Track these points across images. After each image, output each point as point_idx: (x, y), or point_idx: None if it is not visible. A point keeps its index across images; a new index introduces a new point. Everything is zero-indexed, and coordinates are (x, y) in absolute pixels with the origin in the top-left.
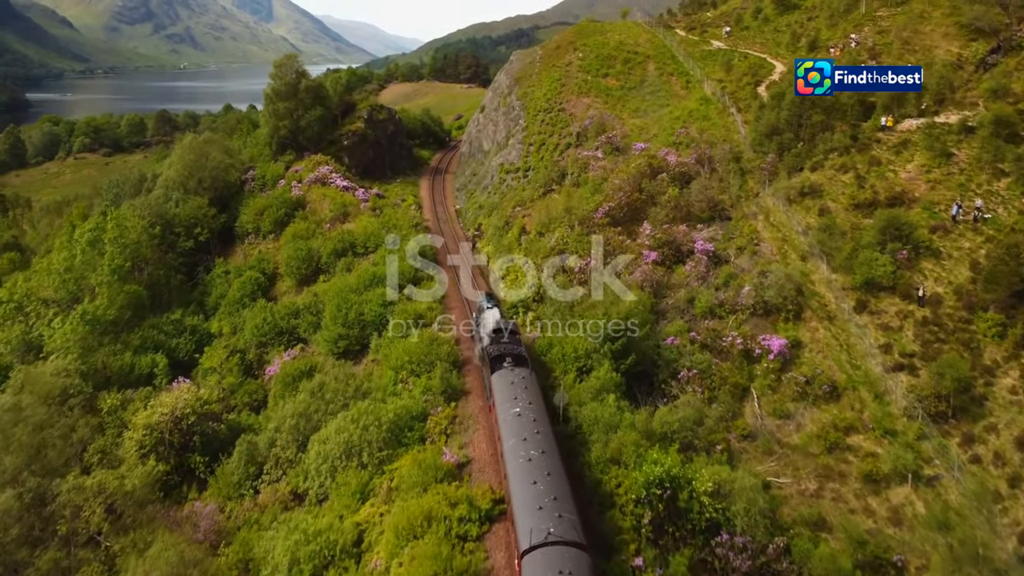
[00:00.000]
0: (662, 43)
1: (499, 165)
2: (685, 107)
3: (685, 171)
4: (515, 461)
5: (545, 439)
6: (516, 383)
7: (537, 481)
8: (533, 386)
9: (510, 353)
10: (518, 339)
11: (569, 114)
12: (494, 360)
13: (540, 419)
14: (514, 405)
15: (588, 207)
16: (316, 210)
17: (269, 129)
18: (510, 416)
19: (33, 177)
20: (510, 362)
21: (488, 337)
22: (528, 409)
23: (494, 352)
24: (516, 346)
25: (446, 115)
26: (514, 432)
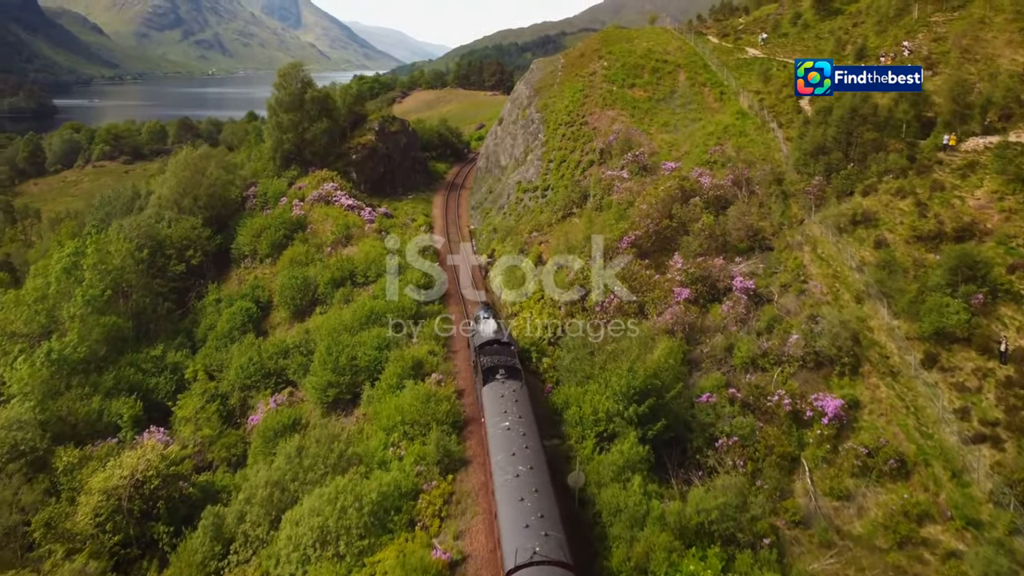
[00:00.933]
0: (693, 51)
1: (516, 183)
2: (719, 121)
3: (720, 195)
4: (503, 477)
5: (534, 454)
6: (507, 396)
7: (524, 498)
8: (524, 399)
9: (503, 365)
10: (512, 350)
11: (592, 128)
12: (486, 372)
13: (530, 433)
14: (504, 419)
15: (612, 235)
16: (318, 232)
17: (272, 142)
18: (499, 430)
19: (51, 185)
20: (503, 374)
21: (482, 349)
22: (518, 423)
23: (487, 364)
24: (510, 358)
25: (468, 123)
26: (503, 447)
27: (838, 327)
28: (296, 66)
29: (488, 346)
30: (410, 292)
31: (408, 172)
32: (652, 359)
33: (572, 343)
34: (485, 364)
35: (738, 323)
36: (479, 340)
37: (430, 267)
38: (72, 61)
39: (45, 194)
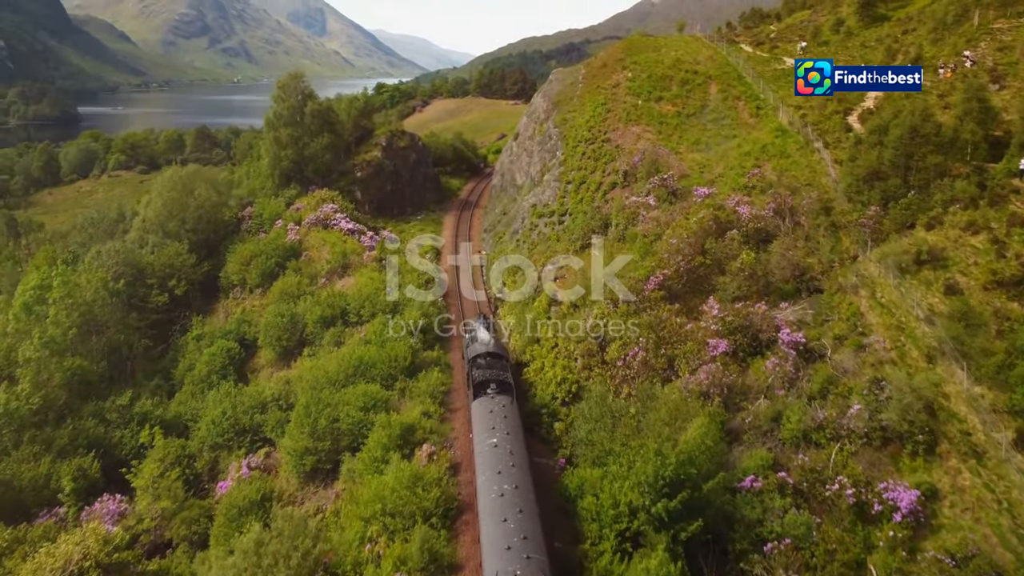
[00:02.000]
0: (726, 61)
1: (531, 206)
2: (757, 140)
3: (761, 227)
4: (487, 496)
5: (520, 473)
6: (496, 412)
7: (508, 519)
8: (513, 415)
9: (495, 380)
10: (505, 363)
11: (615, 146)
12: (477, 386)
13: (517, 451)
14: (491, 435)
15: (637, 274)
16: (313, 259)
17: (270, 159)
18: (486, 448)
19: (65, 195)
20: (494, 388)
21: (475, 362)
22: (506, 440)
23: (478, 378)
24: (502, 372)
25: (489, 133)
26: (489, 465)
27: (908, 395)
28: (296, 77)
29: (481, 359)
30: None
31: (418, 190)
32: (686, 437)
33: (589, 410)
34: (476, 378)
35: (786, 384)
36: (472, 352)
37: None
38: (99, 68)
39: (59, 204)
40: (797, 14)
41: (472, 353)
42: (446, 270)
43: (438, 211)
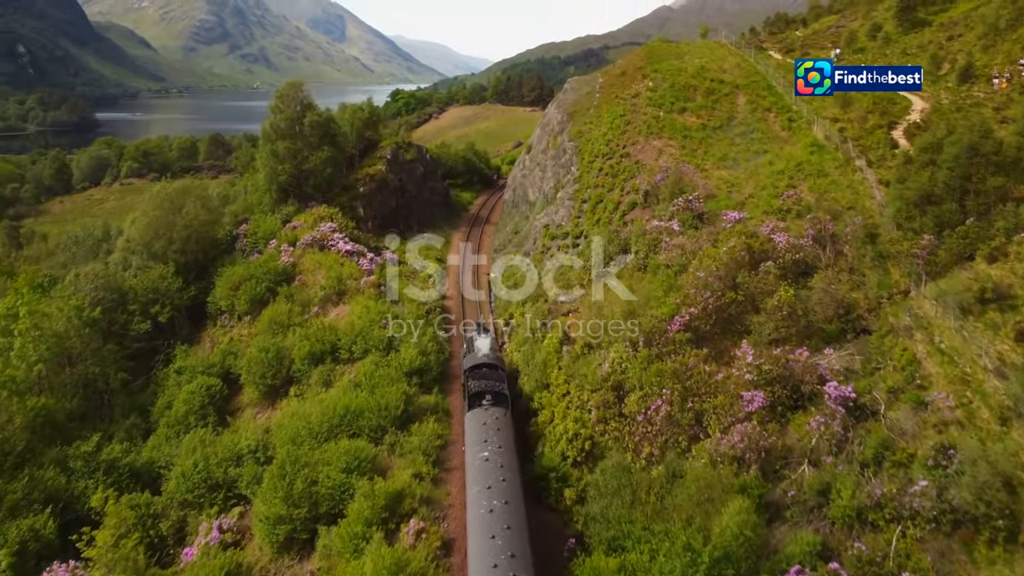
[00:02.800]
0: (754, 69)
1: (543, 227)
2: (790, 156)
3: (800, 257)
4: (476, 512)
5: (511, 487)
6: (489, 424)
7: (496, 535)
8: (507, 427)
9: (490, 391)
10: (502, 374)
11: (635, 162)
12: (472, 398)
13: (508, 464)
14: (483, 448)
15: (659, 312)
16: (307, 284)
17: (266, 173)
18: (478, 461)
19: (76, 204)
20: (489, 400)
21: (471, 372)
22: (497, 454)
23: (474, 388)
24: (498, 383)
25: (505, 140)
26: (479, 479)
27: (985, 471)
28: (294, 86)
29: (477, 369)
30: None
31: (425, 205)
32: (720, 525)
33: (605, 483)
34: (472, 389)
35: (833, 448)
36: (469, 363)
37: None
38: (119, 74)
39: (69, 212)
40: (824, 19)
41: (469, 363)
42: (450, 296)
43: (447, 228)
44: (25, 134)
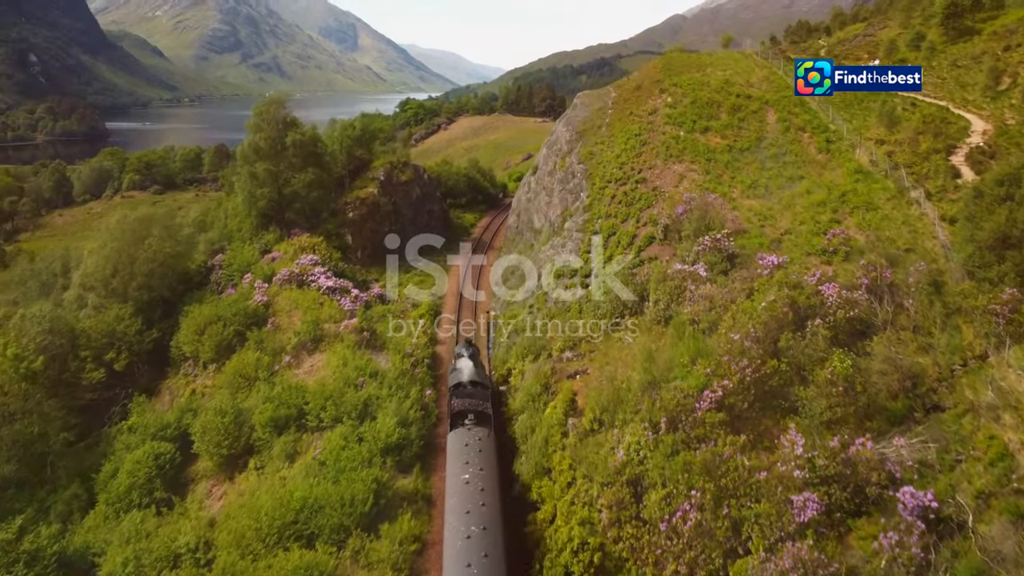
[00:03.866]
0: (784, 82)
1: (548, 259)
2: (830, 183)
3: (854, 314)
4: (453, 538)
5: (490, 512)
6: (471, 444)
7: (472, 564)
8: (489, 449)
9: (473, 410)
10: (486, 393)
11: (652, 188)
12: (455, 416)
13: (489, 488)
14: (464, 471)
15: (686, 384)
16: (281, 327)
17: (245, 198)
18: (458, 484)
19: (75, 217)
20: (471, 420)
21: (455, 390)
22: (478, 476)
23: (457, 407)
24: (482, 402)
25: (515, 153)
26: (458, 504)
27: None
28: (275, 102)
29: (461, 387)
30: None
31: (421, 230)
32: None
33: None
34: (455, 407)
35: (909, 574)
36: (454, 380)
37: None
38: (131, 84)
39: (68, 227)
40: (849, 27)
41: (453, 381)
42: (443, 341)
43: (445, 256)
44: (34, 144)
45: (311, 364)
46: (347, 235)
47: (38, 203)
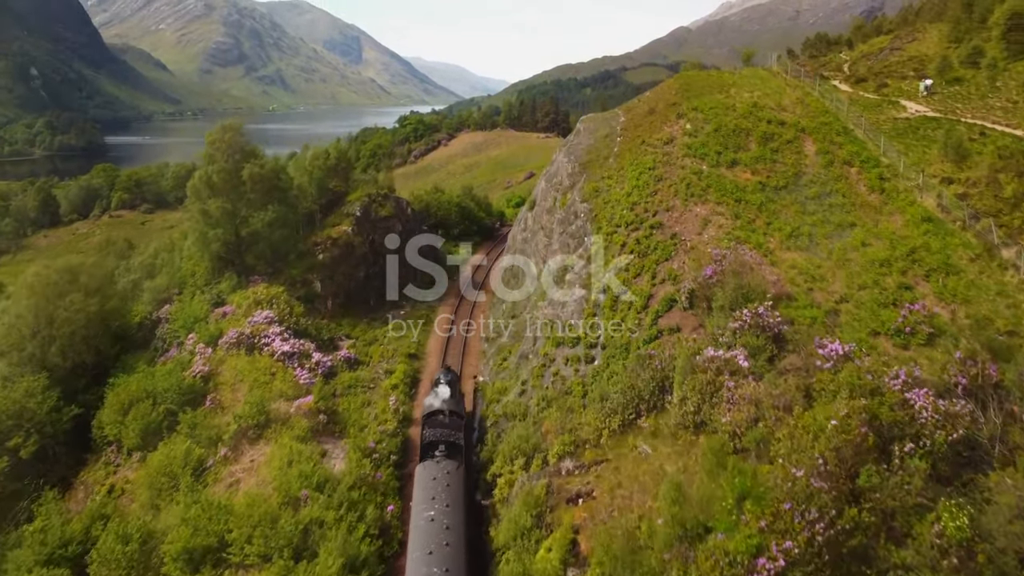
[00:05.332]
0: (822, 106)
1: (546, 322)
2: (892, 235)
3: (957, 437)
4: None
5: (453, 553)
6: (439, 479)
7: None
8: (457, 483)
9: (444, 440)
10: (460, 423)
11: (671, 235)
12: (425, 448)
13: (454, 526)
14: (430, 507)
15: (732, 544)
16: (224, 405)
17: (196, 239)
18: (422, 521)
19: (60, 238)
20: (442, 451)
21: (428, 420)
22: (444, 513)
23: (428, 437)
24: (454, 432)
25: (517, 171)
26: (421, 543)
27: None
28: (230, 130)
29: (434, 416)
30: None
31: (405, 271)
32: None
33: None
34: (426, 438)
35: None
36: (427, 409)
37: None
38: (134, 97)
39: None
40: (873, 40)
41: (427, 409)
42: (420, 421)
43: (430, 301)
44: (32, 159)
45: (252, 458)
46: (315, 281)
47: (23, 223)
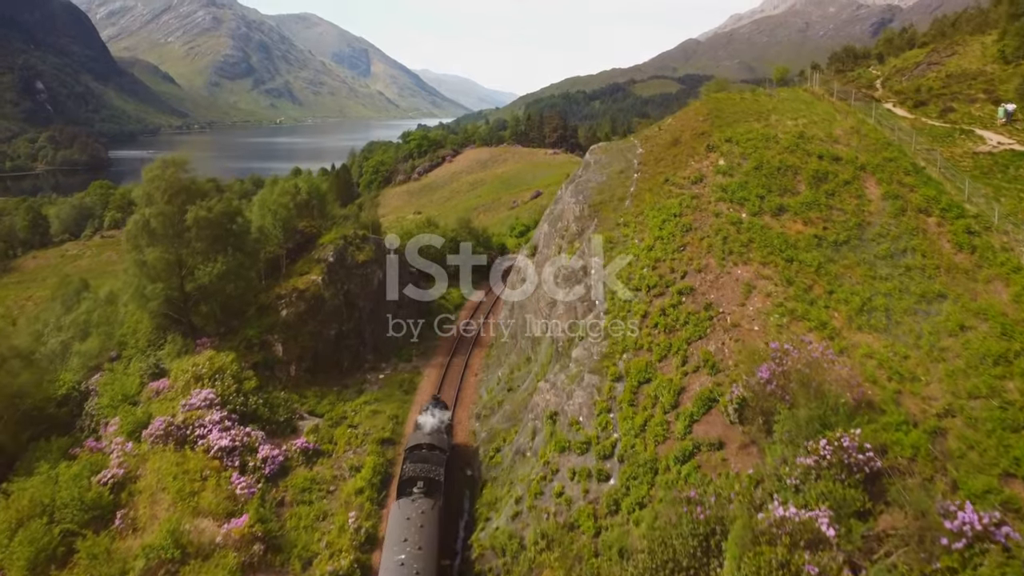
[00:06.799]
0: (882, 137)
1: (548, 415)
2: (1000, 313)
3: None
4: None
5: None
6: (413, 519)
7: None
8: (432, 524)
9: (423, 477)
10: (442, 457)
11: (704, 306)
12: (403, 484)
13: (425, 570)
14: (401, 549)
15: None
16: (139, 524)
17: (132, 294)
18: (392, 564)
19: (49, 260)
20: (420, 487)
21: (410, 453)
22: (415, 557)
23: (408, 473)
24: (434, 467)
25: (523, 189)
26: None
27: None
28: (172, 164)
29: (417, 450)
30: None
31: (384, 326)
32: None
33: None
34: (405, 473)
35: None
36: (411, 441)
37: None
38: (141, 110)
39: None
40: (906, 54)
41: (411, 442)
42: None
43: (416, 360)
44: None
45: None
46: (276, 343)
47: (12, 244)
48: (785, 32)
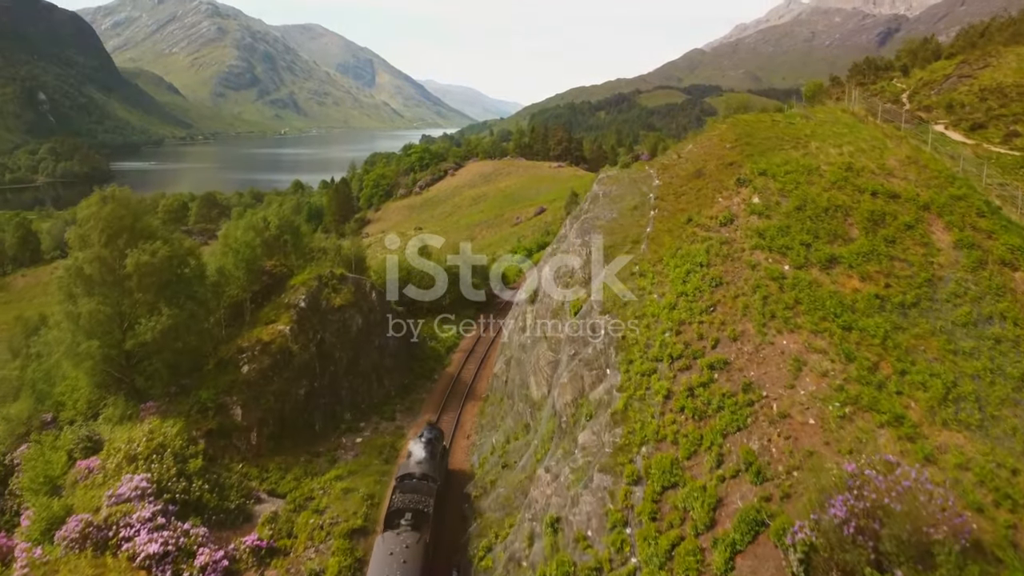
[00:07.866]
0: (943, 167)
1: (549, 525)
2: None
3: None
4: None
5: None
6: (396, 554)
7: None
8: (416, 561)
9: (412, 508)
10: (432, 488)
11: (743, 385)
12: (390, 516)
13: None
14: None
15: None
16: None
17: (64, 352)
18: None
19: (39, 278)
20: (407, 520)
21: (400, 483)
22: None
23: (396, 504)
24: (424, 498)
25: (526, 204)
26: None
27: None
28: (112, 200)
29: (407, 480)
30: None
31: (364, 380)
32: None
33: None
34: (393, 504)
35: None
36: (402, 470)
37: None
38: (145, 121)
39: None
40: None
41: (401, 471)
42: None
43: (399, 419)
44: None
45: None
46: (235, 407)
47: (1, 261)
48: (791, 42)
